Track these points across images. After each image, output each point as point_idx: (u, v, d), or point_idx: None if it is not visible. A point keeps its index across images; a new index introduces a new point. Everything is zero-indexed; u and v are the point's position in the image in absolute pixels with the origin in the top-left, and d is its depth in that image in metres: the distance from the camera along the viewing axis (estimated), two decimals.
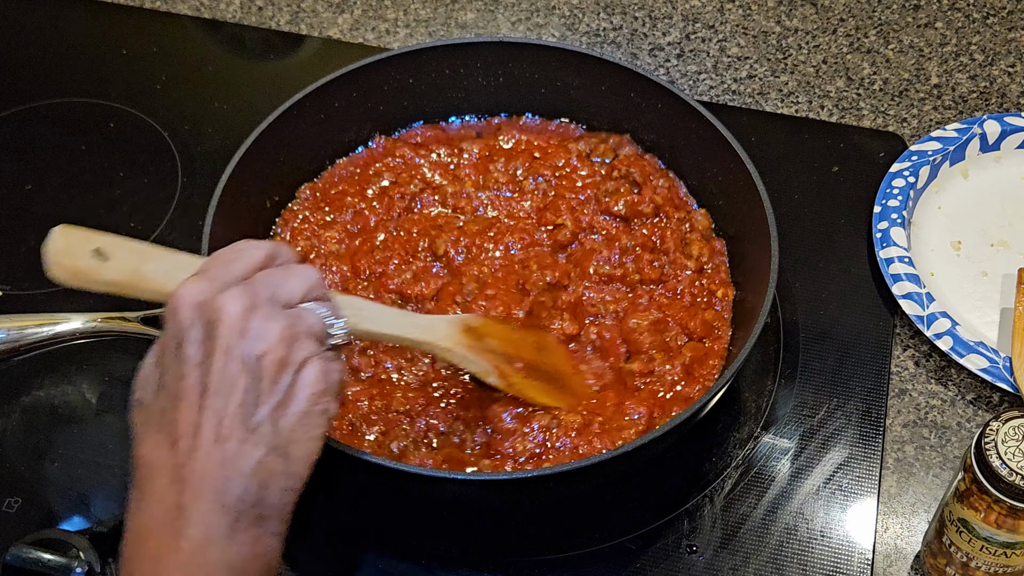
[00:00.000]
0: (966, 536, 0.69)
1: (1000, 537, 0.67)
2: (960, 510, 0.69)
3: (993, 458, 0.64)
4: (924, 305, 0.89)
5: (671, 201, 0.92)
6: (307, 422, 0.56)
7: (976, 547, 0.69)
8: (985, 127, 1.02)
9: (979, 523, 0.67)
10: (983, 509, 0.67)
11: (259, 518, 0.55)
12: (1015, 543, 0.67)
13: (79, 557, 0.75)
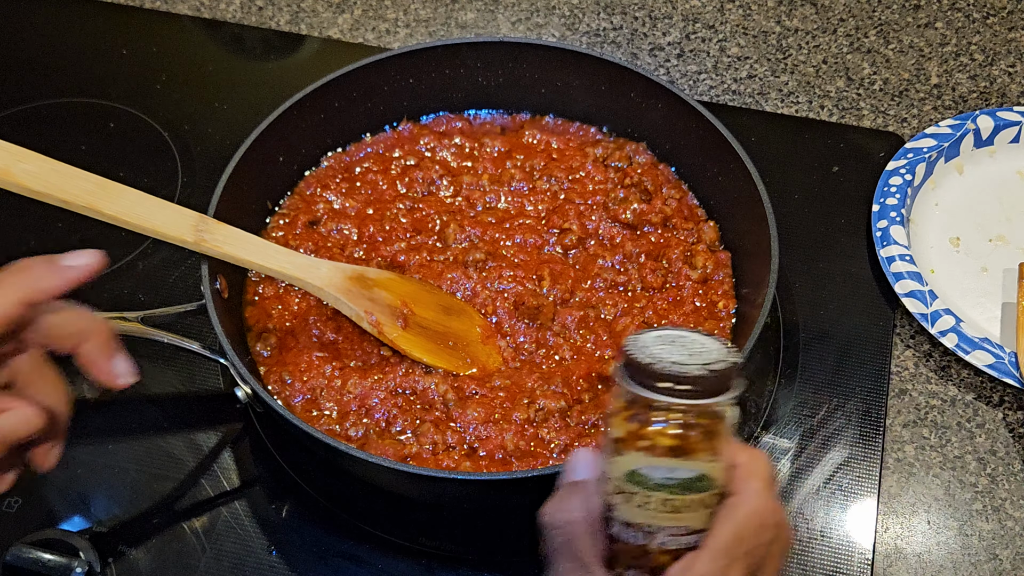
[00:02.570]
0: (639, 499, 0.52)
1: (681, 472, 0.52)
2: (623, 463, 0.52)
3: (644, 357, 0.51)
4: (927, 303, 0.89)
5: (680, 212, 0.92)
6: None
7: (655, 508, 0.52)
8: (978, 122, 1.02)
9: (652, 461, 0.51)
10: (650, 438, 0.51)
11: None
12: (697, 478, 0.52)
13: (79, 557, 0.75)
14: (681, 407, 0.51)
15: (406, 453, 0.77)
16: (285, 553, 0.78)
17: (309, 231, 0.91)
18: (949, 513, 0.82)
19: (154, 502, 0.81)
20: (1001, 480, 0.84)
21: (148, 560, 0.78)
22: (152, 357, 0.88)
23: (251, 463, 0.83)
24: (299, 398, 0.80)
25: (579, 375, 0.82)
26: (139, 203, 0.74)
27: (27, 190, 0.69)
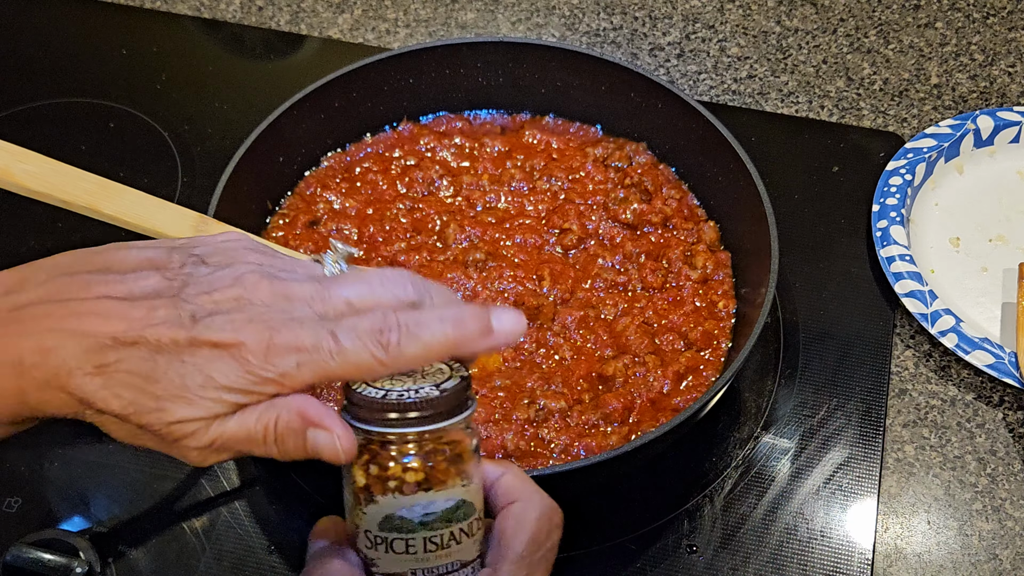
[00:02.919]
0: (400, 544, 0.49)
1: (438, 503, 0.48)
2: (375, 512, 0.49)
3: (369, 392, 0.48)
4: (927, 303, 0.89)
5: (680, 212, 0.92)
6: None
7: (420, 550, 0.49)
8: (978, 122, 1.02)
9: (405, 501, 0.48)
10: (396, 477, 0.48)
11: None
12: (457, 506, 0.49)
13: (79, 557, 0.75)
14: (418, 435, 0.48)
15: None
16: (285, 553, 0.78)
17: (309, 231, 0.91)
18: (949, 513, 0.82)
19: (154, 502, 0.81)
20: (1001, 480, 0.84)
21: (148, 560, 0.78)
22: None
23: (251, 463, 0.83)
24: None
25: (579, 375, 0.82)
26: (139, 203, 0.74)
27: (27, 190, 0.69)
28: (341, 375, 0.47)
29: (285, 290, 0.48)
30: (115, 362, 0.46)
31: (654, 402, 0.80)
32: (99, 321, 0.46)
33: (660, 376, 0.81)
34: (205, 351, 0.46)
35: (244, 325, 0.47)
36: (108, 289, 0.48)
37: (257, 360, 0.46)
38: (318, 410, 0.47)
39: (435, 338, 0.47)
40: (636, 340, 0.83)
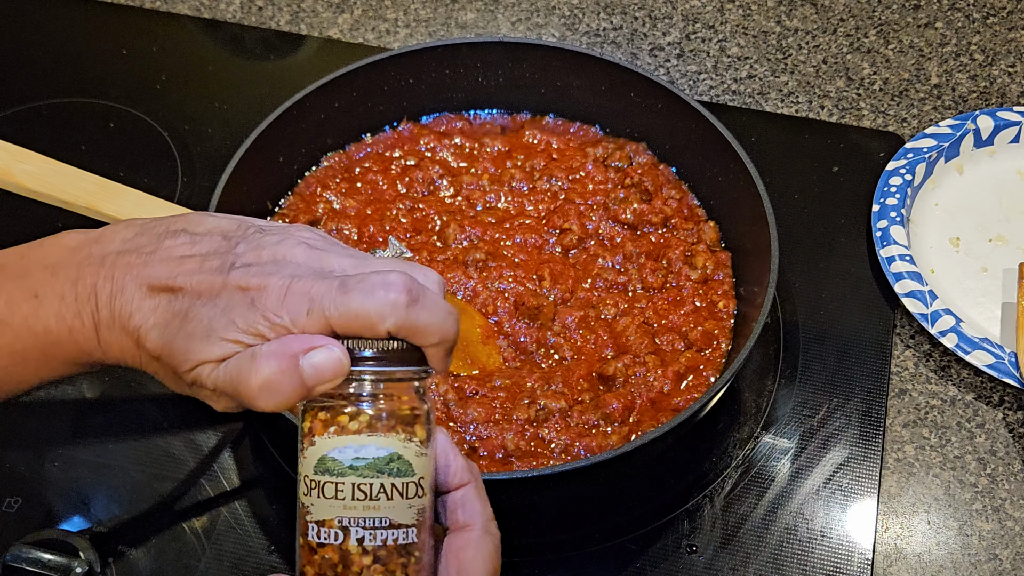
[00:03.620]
0: (330, 488, 0.48)
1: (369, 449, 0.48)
2: (312, 454, 0.49)
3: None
4: (927, 303, 0.89)
5: (680, 212, 0.92)
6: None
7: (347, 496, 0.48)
8: (978, 122, 1.02)
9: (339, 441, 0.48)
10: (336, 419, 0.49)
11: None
12: (390, 458, 0.49)
13: (79, 557, 0.75)
14: (362, 375, 0.49)
15: None
16: (285, 553, 0.78)
17: None
18: (949, 513, 0.82)
19: (154, 502, 0.81)
20: (1001, 480, 0.84)
21: (148, 560, 0.78)
22: None
23: (251, 463, 0.83)
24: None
25: (579, 375, 0.82)
26: (139, 203, 0.74)
27: (27, 190, 0.69)
28: (339, 323, 0.48)
29: (321, 258, 0.52)
30: (166, 305, 0.50)
31: (654, 402, 0.80)
32: (159, 269, 0.51)
33: (660, 376, 0.81)
34: (235, 295, 0.50)
35: (271, 276, 0.50)
36: (177, 245, 0.52)
37: (273, 305, 0.49)
38: (300, 339, 0.49)
39: (433, 318, 0.49)
40: (636, 340, 0.83)
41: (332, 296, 0.48)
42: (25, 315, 0.52)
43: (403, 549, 0.49)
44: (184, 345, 0.49)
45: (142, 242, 0.53)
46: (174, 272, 0.51)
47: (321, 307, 0.48)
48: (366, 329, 0.49)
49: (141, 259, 0.52)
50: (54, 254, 0.53)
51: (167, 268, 0.51)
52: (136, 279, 0.51)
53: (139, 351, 0.51)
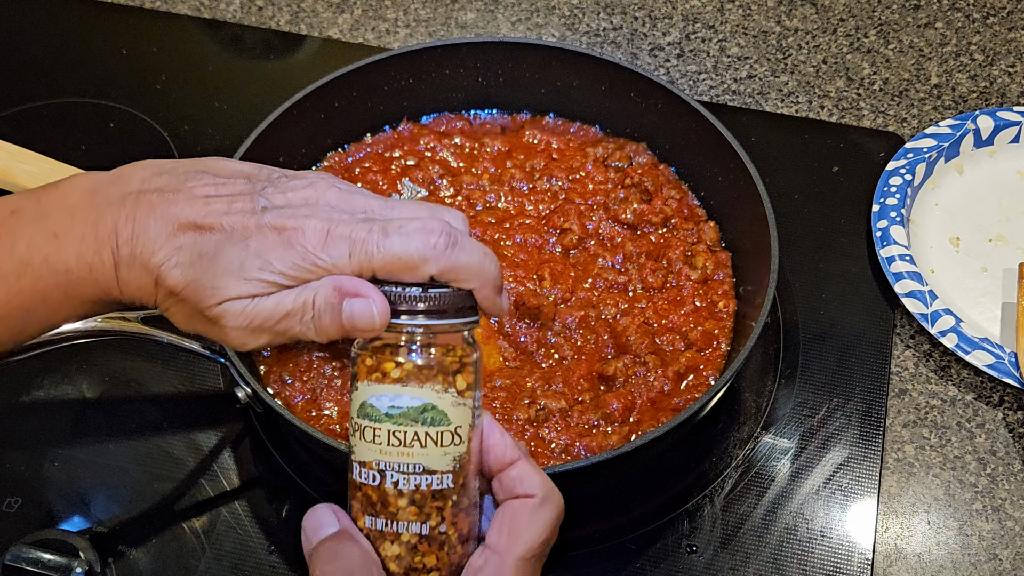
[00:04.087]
0: (369, 433, 0.51)
1: (405, 399, 0.50)
2: (356, 398, 0.52)
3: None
4: (927, 303, 0.89)
5: (680, 212, 0.92)
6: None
7: (384, 442, 0.50)
8: (978, 122, 1.02)
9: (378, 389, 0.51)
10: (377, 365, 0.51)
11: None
12: (423, 408, 0.50)
13: (79, 557, 0.75)
14: (402, 327, 0.51)
15: None
16: (285, 553, 0.78)
17: None
18: (949, 513, 0.82)
19: (154, 502, 0.81)
20: (1001, 480, 0.84)
21: (148, 560, 0.78)
22: (152, 357, 0.88)
23: (251, 463, 0.83)
24: (299, 398, 0.80)
25: (580, 375, 0.82)
26: None
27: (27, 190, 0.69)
28: (381, 267, 0.51)
29: (351, 199, 0.54)
30: (192, 243, 0.51)
31: (654, 402, 0.80)
32: (185, 208, 0.52)
33: (660, 376, 0.81)
34: (269, 236, 0.51)
35: (307, 218, 0.52)
36: (201, 186, 0.53)
37: (314, 247, 0.51)
38: (353, 283, 0.51)
39: (472, 258, 0.52)
40: (636, 340, 0.83)
41: (374, 240, 0.51)
42: (46, 256, 0.52)
43: (438, 494, 0.51)
44: (212, 282, 0.51)
45: (163, 182, 0.53)
46: (202, 212, 0.51)
47: (364, 250, 0.51)
48: (408, 272, 0.51)
49: (164, 198, 0.52)
50: (72, 195, 0.54)
51: (194, 208, 0.52)
52: (160, 218, 0.51)
53: (157, 289, 0.52)
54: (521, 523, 0.51)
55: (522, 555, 0.51)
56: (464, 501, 0.52)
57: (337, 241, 0.51)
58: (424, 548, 0.51)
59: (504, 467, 0.53)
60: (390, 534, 0.51)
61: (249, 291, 0.51)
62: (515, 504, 0.52)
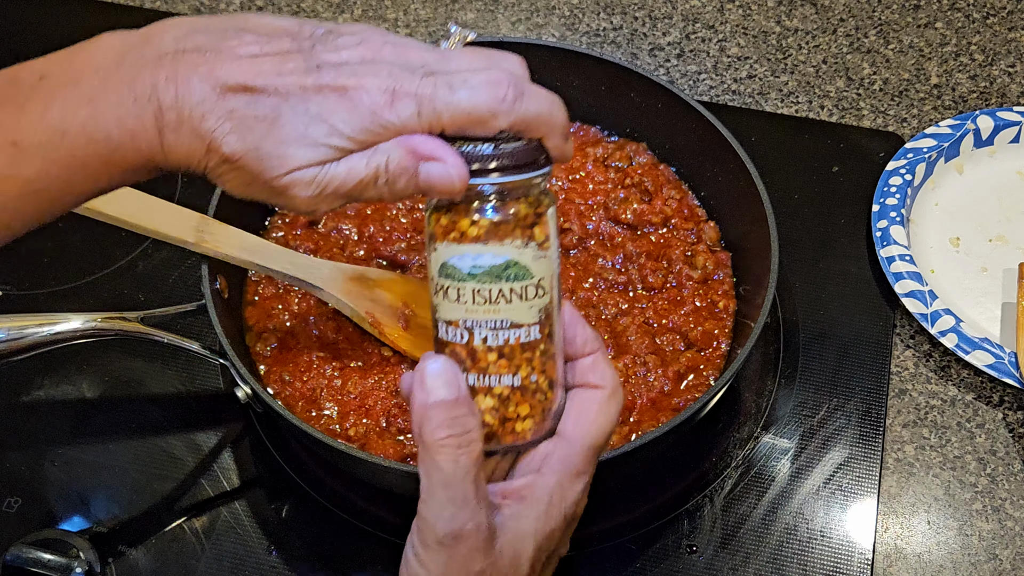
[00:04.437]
0: (453, 293, 0.51)
1: (486, 258, 0.50)
2: (436, 259, 0.52)
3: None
4: (927, 303, 0.89)
5: (681, 212, 0.92)
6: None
7: (469, 301, 0.50)
8: (978, 122, 1.02)
9: (458, 250, 0.50)
10: (455, 225, 0.51)
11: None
12: (506, 265, 0.50)
13: (79, 557, 0.75)
14: (478, 185, 0.50)
15: (406, 453, 0.77)
16: (285, 553, 0.78)
17: (309, 231, 0.91)
18: (949, 513, 0.82)
19: (154, 502, 0.81)
20: (1001, 480, 0.84)
21: (148, 560, 0.78)
22: (152, 357, 0.88)
23: (251, 463, 0.83)
24: (299, 398, 0.80)
25: None
26: (140, 204, 0.74)
27: None
28: (450, 123, 0.49)
29: (406, 53, 0.51)
30: (244, 107, 0.48)
31: (654, 402, 0.80)
32: (233, 69, 0.48)
33: (660, 376, 0.81)
34: (330, 97, 0.48)
35: (368, 76, 0.49)
36: (243, 45, 0.50)
37: (380, 108, 0.48)
38: (428, 144, 0.49)
39: (541, 107, 0.50)
40: (637, 340, 0.83)
41: (441, 96, 0.48)
42: (83, 122, 0.49)
43: (527, 346, 0.51)
44: (276, 151, 0.49)
45: (201, 41, 0.50)
46: (251, 73, 0.49)
47: (432, 108, 0.49)
48: (477, 126, 0.49)
49: (205, 58, 0.49)
50: (101, 57, 0.51)
51: (240, 68, 0.49)
52: (205, 79, 0.48)
53: (209, 156, 0.49)
54: (591, 413, 0.52)
55: (591, 444, 0.52)
56: (551, 348, 0.52)
57: (403, 99, 0.49)
58: (517, 398, 0.51)
59: (580, 357, 0.54)
60: (482, 388, 0.51)
61: (318, 158, 0.49)
62: (586, 394, 0.53)
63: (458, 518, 0.48)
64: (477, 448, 0.49)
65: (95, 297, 0.93)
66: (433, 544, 0.49)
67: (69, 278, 0.94)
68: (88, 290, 0.94)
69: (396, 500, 0.80)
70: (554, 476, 0.51)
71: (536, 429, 0.52)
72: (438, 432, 0.49)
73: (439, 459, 0.49)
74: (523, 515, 0.50)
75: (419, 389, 0.50)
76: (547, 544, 0.51)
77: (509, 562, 0.49)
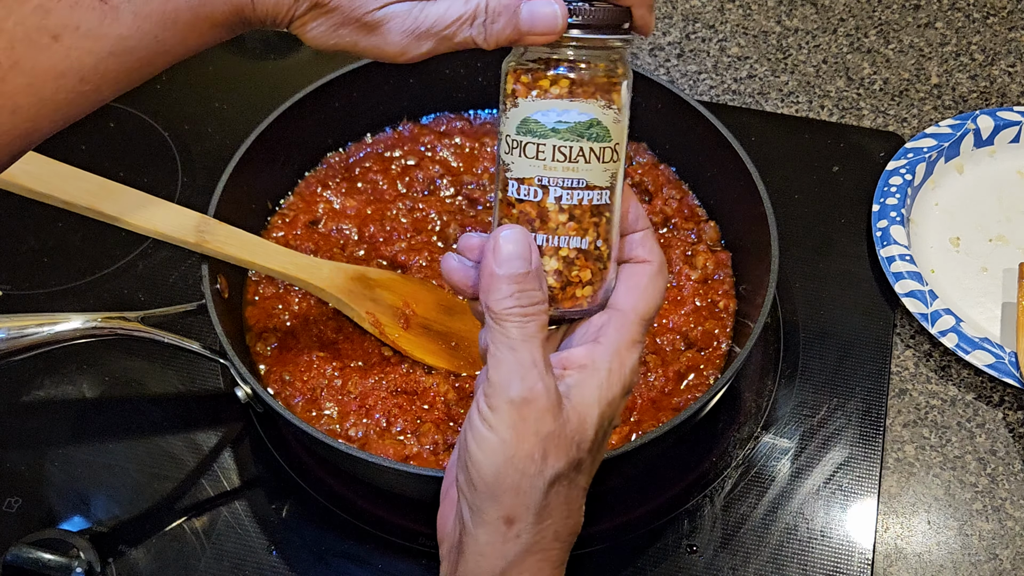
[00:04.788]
0: (532, 149, 0.51)
1: (572, 114, 0.51)
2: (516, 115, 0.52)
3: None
4: (927, 303, 0.89)
5: (681, 212, 0.92)
6: None
7: (548, 156, 0.51)
8: (978, 122, 1.02)
9: (542, 105, 0.51)
10: (540, 82, 0.52)
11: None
12: (590, 123, 0.51)
13: (79, 557, 0.75)
14: (567, 41, 0.50)
15: (406, 453, 0.77)
16: (285, 553, 0.78)
17: (309, 231, 0.91)
18: (949, 513, 0.82)
19: (154, 502, 0.81)
20: (1001, 480, 0.84)
21: (148, 560, 0.78)
22: (152, 357, 0.88)
23: (251, 463, 0.83)
24: (299, 398, 0.80)
25: None
26: (141, 204, 0.74)
27: (29, 191, 0.69)
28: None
29: None
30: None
31: (655, 402, 0.80)
32: None
33: (661, 376, 0.81)
34: None
35: None
36: None
37: None
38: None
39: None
40: None
41: None
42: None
43: (596, 210, 0.52)
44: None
45: None
46: None
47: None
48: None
49: None
50: None
51: None
52: None
53: (297, 2, 0.50)
54: (642, 285, 0.54)
55: (643, 314, 0.53)
56: (615, 219, 0.53)
57: None
58: (580, 262, 0.52)
59: (631, 232, 0.55)
60: (549, 249, 0.52)
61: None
62: (636, 268, 0.54)
63: (527, 380, 0.49)
64: (544, 316, 0.50)
65: (95, 297, 0.93)
66: (503, 405, 0.49)
67: (69, 278, 0.94)
68: (88, 290, 0.94)
69: (396, 500, 0.80)
70: (612, 345, 0.52)
71: (592, 298, 0.53)
72: (506, 302, 0.50)
73: (507, 325, 0.49)
74: (586, 383, 0.51)
75: (491, 257, 0.50)
76: (609, 411, 0.52)
77: (576, 427, 0.50)
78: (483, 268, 0.51)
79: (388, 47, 0.51)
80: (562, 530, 0.51)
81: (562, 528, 0.51)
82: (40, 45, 0.49)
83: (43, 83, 0.50)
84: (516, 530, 0.49)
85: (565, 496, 0.50)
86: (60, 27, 0.49)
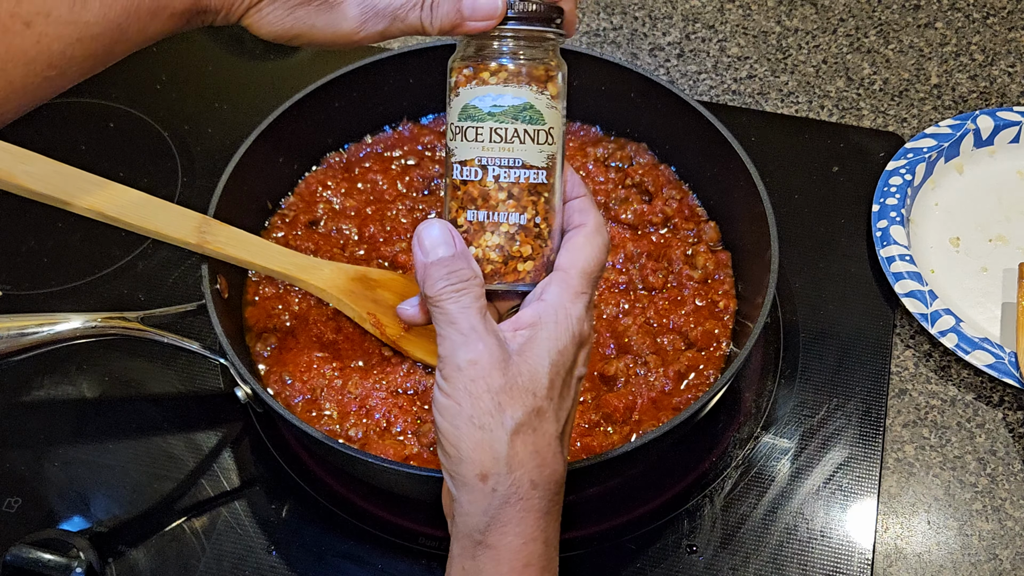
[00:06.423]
0: (471, 132, 0.56)
1: (506, 98, 0.56)
2: (458, 103, 0.57)
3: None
4: (927, 303, 0.89)
5: (681, 213, 0.92)
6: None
7: (486, 139, 0.56)
8: (978, 122, 1.02)
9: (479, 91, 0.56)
10: (478, 71, 0.57)
11: None
12: (524, 106, 0.56)
13: (79, 557, 0.75)
14: (503, 33, 0.56)
15: (406, 453, 0.77)
16: (285, 553, 0.78)
17: (309, 231, 0.91)
18: (949, 513, 0.82)
19: (154, 502, 0.81)
20: (1001, 480, 0.84)
21: (148, 560, 0.78)
22: (152, 357, 0.88)
23: (251, 463, 0.83)
24: (299, 398, 0.80)
25: None
26: (142, 204, 0.74)
27: (29, 192, 0.69)
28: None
29: None
30: None
31: (655, 402, 0.80)
32: None
33: (661, 376, 0.81)
34: None
35: None
36: None
37: None
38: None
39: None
40: (637, 340, 0.83)
41: None
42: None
43: (534, 188, 0.57)
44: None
45: None
46: None
47: None
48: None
49: None
50: None
51: None
52: None
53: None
54: (579, 244, 0.57)
55: (583, 268, 0.57)
56: (554, 200, 0.58)
57: None
58: (521, 238, 0.57)
59: (569, 200, 0.59)
60: (491, 225, 0.57)
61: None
62: (574, 232, 0.58)
63: (470, 345, 0.53)
64: (476, 288, 0.55)
65: (95, 297, 0.93)
66: (454, 373, 0.53)
67: (69, 278, 0.94)
68: (88, 290, 0.94)
69: (396, 500, 0.80)
70: (555, 299, 0.56)
71: (535, 274, 0.58)
72: (439, 284, 0.55)
73: (443, 304, 0.54)
74: (535, 337, 0.55)
75: (419, 251, 0.56)
76: (560, 359, 0.55)
77: (528, 378, 0.54)
78: (415, 262, 0.56)
79: (345, 23, 0.56)
80: (538, 478, 0.54)
81: (537, 476, 0.54)
82: (13, 31, 0.52)
83: (13, 68, 0.53)
84: (491, 484, 0.53)
85: (533, 443, 0.53)
86: (32, 13, 0.52)
